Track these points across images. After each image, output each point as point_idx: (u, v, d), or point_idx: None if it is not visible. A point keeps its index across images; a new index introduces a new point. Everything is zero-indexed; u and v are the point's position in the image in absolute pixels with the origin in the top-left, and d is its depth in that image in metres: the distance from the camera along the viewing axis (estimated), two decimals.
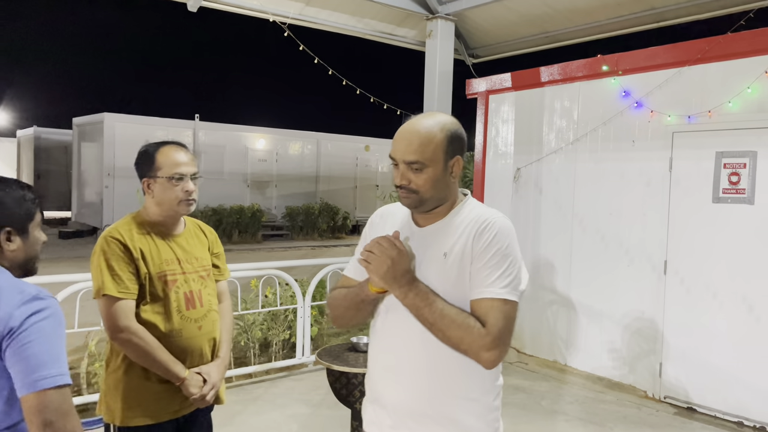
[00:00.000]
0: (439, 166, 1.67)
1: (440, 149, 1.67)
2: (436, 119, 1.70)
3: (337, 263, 6.03)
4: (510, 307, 1.60)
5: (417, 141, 1.66)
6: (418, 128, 1.68)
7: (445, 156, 1.68)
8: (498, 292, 1.59)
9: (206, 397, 2.27)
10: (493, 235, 1.63)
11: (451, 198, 1.75)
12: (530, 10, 5.97)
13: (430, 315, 1.58)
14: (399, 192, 1.71)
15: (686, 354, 4.88)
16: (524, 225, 6.28)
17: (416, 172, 1.66)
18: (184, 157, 2.31)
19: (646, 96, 5.16)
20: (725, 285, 4.65)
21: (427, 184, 1.67)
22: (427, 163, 1.66)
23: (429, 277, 1.65)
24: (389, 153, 1.72)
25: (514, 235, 1.68)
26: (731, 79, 4.63)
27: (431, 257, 1.69)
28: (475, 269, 1.62)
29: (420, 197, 1.68)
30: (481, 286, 1.61)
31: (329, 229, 19.02)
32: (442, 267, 1.66)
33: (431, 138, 1.66)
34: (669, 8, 5.40)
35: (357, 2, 5.85)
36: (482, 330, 1.56)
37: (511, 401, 4.95)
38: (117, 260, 2.17)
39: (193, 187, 2.31)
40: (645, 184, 5.20)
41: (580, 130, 5.74)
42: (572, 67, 5.80)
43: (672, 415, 4.77)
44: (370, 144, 20.45)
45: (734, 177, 4.60)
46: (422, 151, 1.65)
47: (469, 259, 1.63)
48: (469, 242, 1.65)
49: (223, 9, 5.75)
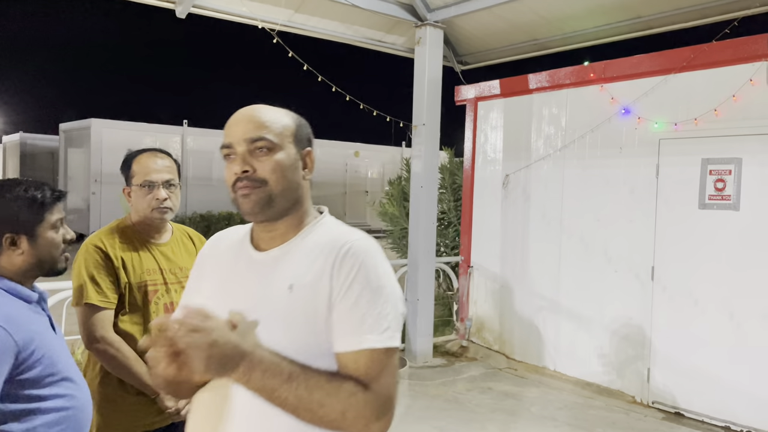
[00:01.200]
0: (290, 152, 1.31)
1: (289, 131, 1.33)
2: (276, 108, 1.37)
3: None
4: (394, 356, 1.24)
5: (260, 118, 1.30)
6: (259, 108, 1.34)
7: (295, 141, 1.33)
8: (377, 341, 1.20)
9: (181, 411, 2.23)
10: (358, 264, 1.23)
11: (303, 208, 1.36)
12: (519, 18, 6.01)
13: (290, 394, 1.15)
14: (237, 189, 1.29)
15: (674, 359, 4.91)
16: (513, 231, 6.31)
17: (262, 156, 1.28)
18: (157, 164, 2.25)
19: (633, 103, 5.21)
20: (711, 291, 4.69)
21: (277, 171, 1.28)
22: (277, 141, 1.29)
23: (268, 320, 1.23)
24: (222, 144, 1.32)
25: (383, 257, 1.29)
26: (717, 86, 4.69)
27: (273, 291, 1.27)
28: (342, 312, 1.22)
29: (269, 191, 1.28)
30: (354, 334, 1.20)
31: None
32: (285, 304, 1.25)
33: (277, 117, 1.33)
34: (655, 17, 5.46)
35: (346, 9, 5.86)
36: (367, 395, 1.18)
37: (501, 407, 4.95)
38: (97, 269, 2.15)
39: (165, 194, 2.23)
40: (632, 191, 5.24)
41: (568, 136, 5.78)
42: (560, 74, 5.85)
43: (660, 420, 4.79)
44: (359, 150, 20.46)
45: (720, 183, 4.65)
46: (269, 127, 1.29)
47: (325, 297, 1.23)
48: (326, 274, 1.24)
49: (211, 15, 5.73)
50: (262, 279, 1.30)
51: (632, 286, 5.20)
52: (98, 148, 15.27)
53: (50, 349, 1.69)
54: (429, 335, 6.27)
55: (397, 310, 1.25)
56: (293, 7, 5.88)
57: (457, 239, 7.77)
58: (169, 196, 2.25)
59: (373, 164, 21.26)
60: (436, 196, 6.44)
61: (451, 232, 8.17)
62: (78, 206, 16.13)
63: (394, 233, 9.05)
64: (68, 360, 1.78)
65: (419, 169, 6.15)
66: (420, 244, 6.14)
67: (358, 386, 1.18)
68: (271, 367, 1.15)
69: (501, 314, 6.40)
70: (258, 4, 5.72)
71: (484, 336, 6.62)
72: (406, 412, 4.82)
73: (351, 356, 1.20)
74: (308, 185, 1.39)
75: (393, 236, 9.12)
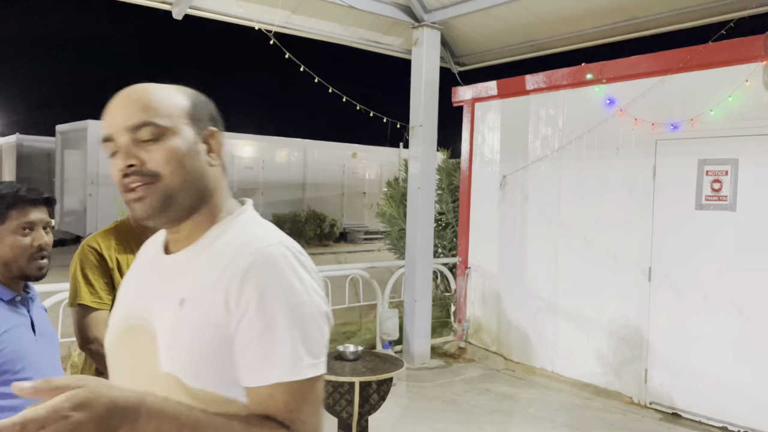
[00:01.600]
0: (186, 136, 1.08)
1: (182, 111, 1.09)
2: (164, 85, 1.12)
3: (323, 271, 6.01)
4: (316, 387, 1.03)
5: (143, 99, 1.07)
6: (141, 87, 1.09)
7: (192, 122, 1.10)
8: (295, 371, 0.99)
9: None
10: (265, 279, 1.00)
11: (213, 202, 1.13)
12: (516, 19, 6.02)
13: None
14: (126, 190, 1.06)
15: (671, 360, 4.91)
16: (511, 232, 6.32)
17: (150, 144, 1.04)
18: None
19: (629, 104, 5.22)
20: (708, 291, 4.69)
21: (172, 161, 1.05)
22: (167, 125, 1.06)
23: (160, 340, 1.03)
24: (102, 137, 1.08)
25: (298, 266, 1.05)
26: (713, 87, 4.70)
27: (166, 305, 1.06)
28: (247, 338, 0.99)
29: (165, 187, 1.05)
30: (264, 366, 0.98)
31: (316, 236, 18.97)
32: (174, 321, 1.03)
33: (165, 96, 1.08)
34: (650, 18, 5.47)
35: (343, 11, 5.85)
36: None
37: (499, 408, 4.95)
38: (92, 270, 2.15)
39: None
40: (629, 192, 5.25)
41: (565, 137, 5.79)
42: (557, 75, 5.86)
43: (657, 420, 4.80)
44: (357, 151, 20.47)
45: (716, 184, 4.66)
46: (155, 109, 1.05)
47: (221, 318, 1.00)
48: (222, 289, 1.01)
49: (208, 17, 5.73)
50: (161, 289, 1.10)
51: (630, 286, 5.21)
52: (95, 150, 15.24)
53: (18, 347, 1.65)
54: (427, 337, 6.26)
55: (317, 330, 1.04)
56: (290, 9, 5.88)
57: (454, 240, 7.77)
58: None
59: (371, 165, 21.26)
60: (433, 197, 6.44)
61: (449, 234, 8.17)
62: (74, 208, 16.11)
63: (391, 234, 9.05)
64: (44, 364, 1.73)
65: (417, 170, 6.15)
66: (417, 246, 6.14)
67: (279, 428, 0.97)
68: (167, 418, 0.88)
69: (499, 315, 6.40)
70: (255, 5, 5.72)
71: (481, 337, 6.62)
72: (404, 413, 4.81)
73: (265, 391, 0.99)
74: (219, 173, 1.14)
75: (390, 237, 9.13)
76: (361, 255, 15.92)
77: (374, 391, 3.42)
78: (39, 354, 1.74)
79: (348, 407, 3.38)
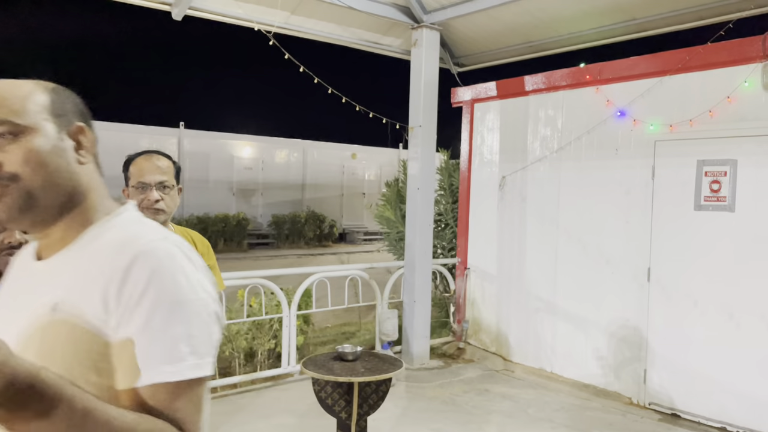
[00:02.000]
0: (48, 133, 1.01)
1: (40, 106, 1.02)
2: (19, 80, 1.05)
3: (323, 272, 6.01)
4: (199, 390, 0.98)
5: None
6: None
7: (54, 117, 1.03)
8: (177, 371, 0.94)
9: None
10: (147, 275, 0.95)
11: (86, 203, 1.06)
12: (515, 20, 6.03)
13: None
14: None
15: (670, 360, 4.92)
16: (510, 232, 6.32)
17: (5, 144, 0.98)
18: (152, 165, 2.24)
19: (628, 105, 5.23)
20: (707, 292, 4.70)
21: (32, 161, 0.98)
22: (24, 122, 0.99)
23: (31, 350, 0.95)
24: None
25: (185, 263, 1.00)
26: (712, 88, 4.70)
27: (38, 312, 0.99)
28: (129, 336, 0.94)
29: (24, 189, 0.98)
30: (146, 365, 0.94)
31: (315, 237, 18.98)
32: (46, 329, 0.97)
33: (20, 91, 1.01)
34: (649, 19, 5.48)
35: (342, 11, 5.86)
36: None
37: (498, 409, 4.95)
38: None
39: (157, 196, 2.20)
40: (628, 192, 5.25)
41: (564, 138, 5.79)
42: (556, 76, 5.86)
43: (656, 421, 4.80)
44: (356, 152, 20.49)
45: (715, 185, 4.67)
46: (8, 106, 0.99)
47: (102, 320, 0.95)
48: (100, 290, 0.96)
49: (207, 17, 5.74)
50: (31, 297, 1.02)
51: (629, 287, 5.21)
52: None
53: None
54: (426, 337, 6.27)
55: (203, 329, 0.98)
56: (289, 9, 5.89)
57: (454, 241, 7.77)
58: (162, 198, 2.22)
59: (371, 166, 21.28)
60: (432, 198, 6.44)
61: (448, 234, 8.17)
62: None
63: (390, 235, 9.05)
64: None
65: (416, 170, 6.16)
66: (417, 246, 6.14)
67: (169, 427, 0.93)
68: (64, 398, 0.82)
69: (498, 316, 6.41)
70: (254, 6, 5.72)
71: (481, 338, 6.63)
72: (403, 413, 4.81)
73: (147, 392, 0.93)
74: (92, 171, 1.08)
75: (389, 238, 9.13)
76: (360, 255, 15.92)
77: (373, 392, 3.42)
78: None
79: (347, 407, 3.39)
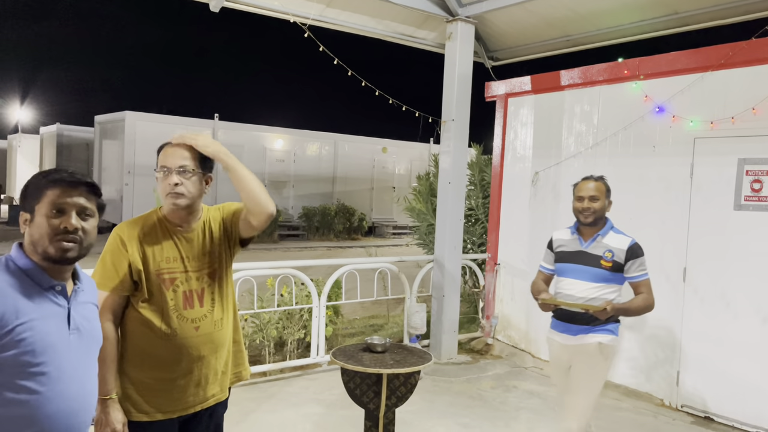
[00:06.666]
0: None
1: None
2: None
3: (352, 264, 6.04)
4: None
5: None
6: None
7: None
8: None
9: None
10: None
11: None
12: (552, 13, 5.93)
13: None
14: None
15: (704, 362, 4.81)
16: (541, 229, 6.24)
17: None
18: (176, 151, 2.25)
19: (667, 101, 5.11)
20: (745, 294, 4.58)
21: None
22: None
23: None
24: None
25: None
26: (755, 85, 4.57)
27: None
28: None
29: None
30: None
31: (345, 230, 19.07)
32: None
33: None
34: (692, 13, 5.33)
35: (377, 4, 5.85)
36: None
37: (526, 406, 4.92)
38: (110, 253, 2.22)
39: (176, 179, 2.20)
40: (665, 190, 5.14)
41: (600, 134, 5.70)
42: (593, 70, 5.76)
43: (689, 424, 4.71)
44: (387, 146, 20.47)
45: (756, 184, 4.54)
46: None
47: None
48: None
49: (244, 9, 5.79)
50: None
51: (663, 287, 5.10)
52: (132, 140, 15.59)
53: (42, 338, 1.61)
54: (454, 332, 6.26)
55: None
56: (325, 2, 5.91)
57: (484, 236, 7.72)
58: (181, 182, 2.22)
59: (401, 160, 21.25)
60: (464, 193, 6.41)
61: (479, 229, 8.13)
62: (111, 197, 16.50)
63: (420, 229, 9.04)
64: (69, 361, 1.68)
65: (447, 165, 6.13)
66: (446, 241, 6.12)
67: None
68: None
69: (527, 313, 6.35)
70: None
71: (509, 334, 6.58)
72: (431, 407, 4.82)
73: None
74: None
75: (419, 232, 9.12)
76: (389, 249, 15.94)
77: (401, 384, 3.43)
78: (67, 349, 1.68)
79: (375, 399, 3.41)
